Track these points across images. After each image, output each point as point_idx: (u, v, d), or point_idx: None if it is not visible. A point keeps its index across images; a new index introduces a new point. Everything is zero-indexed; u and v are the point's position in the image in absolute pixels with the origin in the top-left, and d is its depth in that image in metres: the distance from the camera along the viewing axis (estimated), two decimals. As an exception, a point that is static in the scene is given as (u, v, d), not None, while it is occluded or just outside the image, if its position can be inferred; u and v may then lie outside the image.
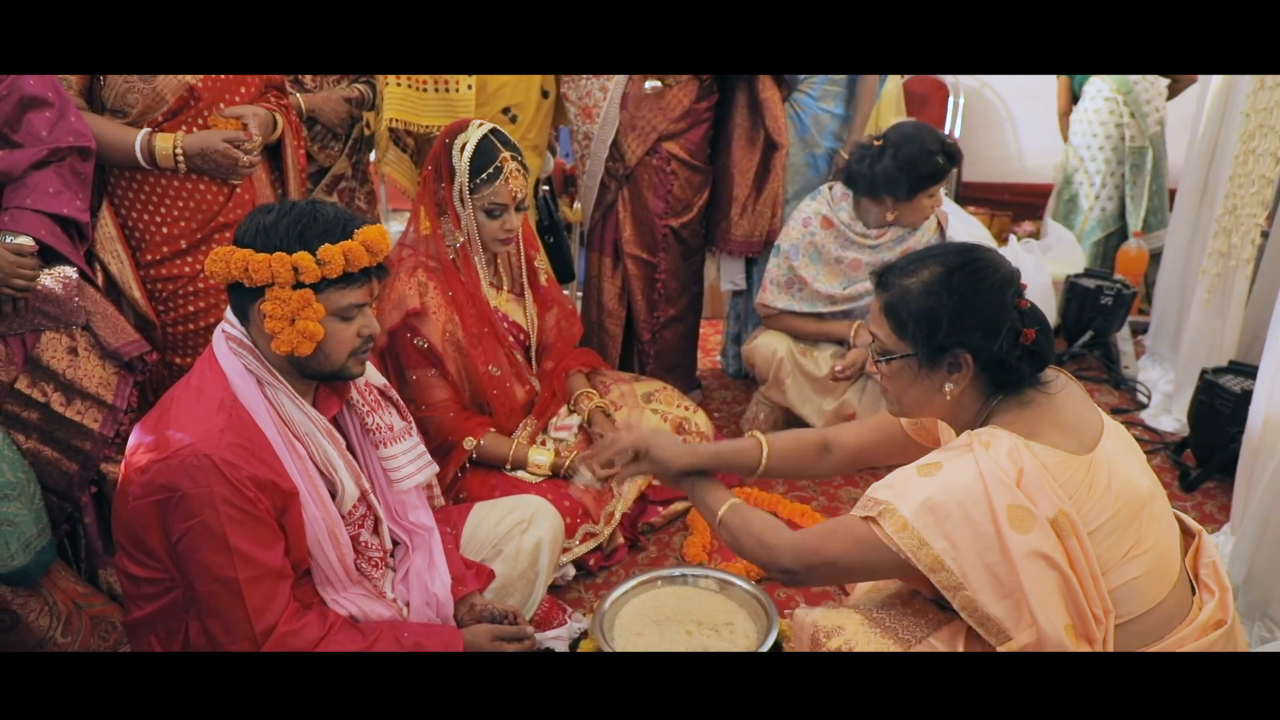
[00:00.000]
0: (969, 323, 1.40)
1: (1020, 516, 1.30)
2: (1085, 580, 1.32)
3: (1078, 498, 1.33)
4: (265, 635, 1.49)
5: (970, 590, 1.33)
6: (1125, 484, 1.36)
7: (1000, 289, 1.41)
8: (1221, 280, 2.92)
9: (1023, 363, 1.41)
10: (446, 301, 2.28)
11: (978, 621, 1.35)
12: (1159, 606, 1.39)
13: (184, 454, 1.45)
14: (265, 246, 1.49)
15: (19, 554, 1.74)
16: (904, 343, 1.46)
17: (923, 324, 1.42)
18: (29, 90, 1.84)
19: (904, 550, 1.35)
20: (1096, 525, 1.33)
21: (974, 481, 1.33)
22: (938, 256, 1.46)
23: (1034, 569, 1.30)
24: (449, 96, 2.71)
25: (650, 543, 2.55)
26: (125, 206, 2.16)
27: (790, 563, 1.50)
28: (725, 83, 3.04)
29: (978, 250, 1.47)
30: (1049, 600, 1.30)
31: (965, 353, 1.41)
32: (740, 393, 3.47)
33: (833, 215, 2.86)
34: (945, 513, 1.33)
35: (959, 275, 1.42)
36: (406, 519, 1.83)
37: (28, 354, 1.85)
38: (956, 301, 1.40)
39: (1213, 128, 3.21)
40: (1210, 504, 2.70)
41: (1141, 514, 1.37)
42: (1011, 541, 1.30)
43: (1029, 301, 1.44)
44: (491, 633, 1.75)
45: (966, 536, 1.32)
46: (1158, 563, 1.38)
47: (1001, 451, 1.34)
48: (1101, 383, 3.57)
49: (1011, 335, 1.39)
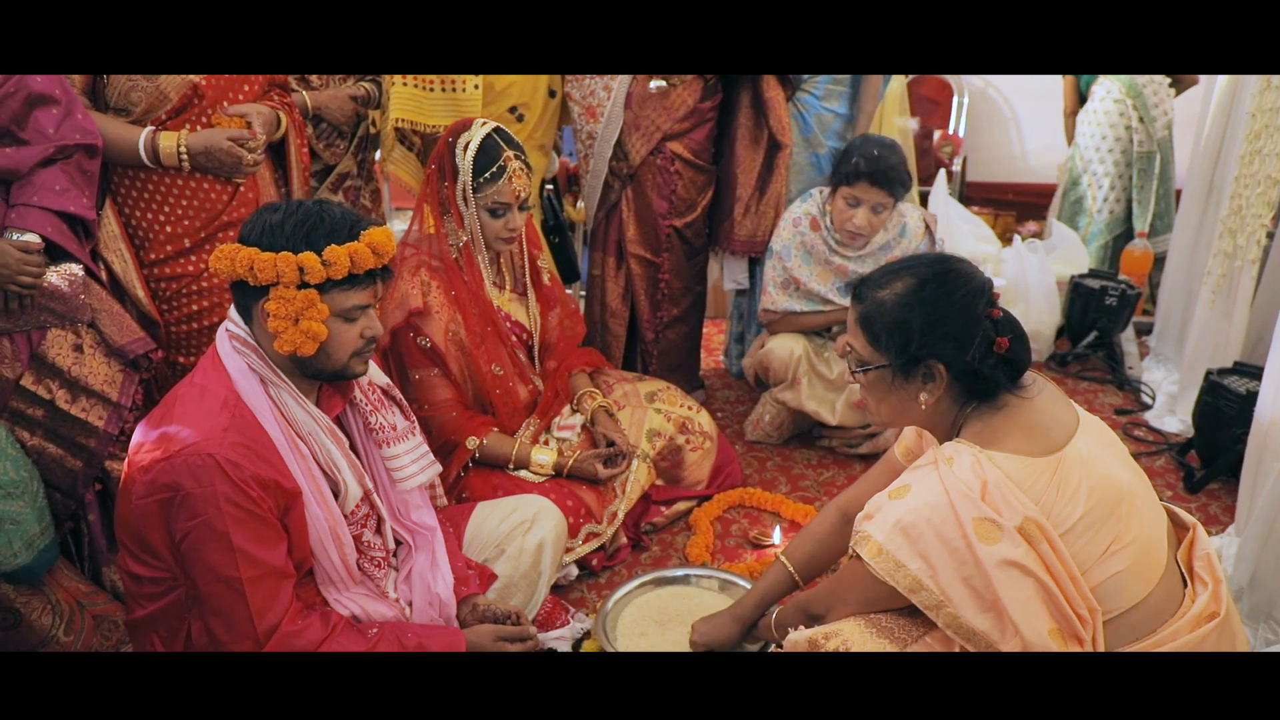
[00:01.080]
0: (941, 334, 1.43)
1: (988, 529, 1.33)
2: (1064, 582, 1.34)
3: (1045, 500, 1.35)
4: (268, 635, 1.49)
5: (952, 607, 1.35)
6: (1100, 480, 1.38)
7: (971, 300, 1.44)
8: (1226, 281, 2.92)
9: (997, 370, 1.43)
10: (449, 301, 2.28)
11: (965, 637, 1.37)
12: (1147, 600, 1.39)
13: (187, 453, 1.45)
14: (271, 245, 1.49)
15: (22, 552, 1.74)
16: (879, 354, 1.48)
17: (895, 336, 1.45)
18: (36, 88, 1.84)
19: (882, 575, 1.38)
20: (1070, 525, 1.35)
21: (940, 498, 1.36)
22: (911, 268, 1.49)
23: (1007, 578, 1.32)
24: (455, 96, 2.71)
25: (653, 542, 2.54)
26: (129, 205, 2.16)
27: (819, 608, 1.59)
28: (729, 82, 3.04)
29: (950, 261, 1.50)
30: (1028, 607, 1.32)
31: (938, 363, 1.43)
32: (743, 392, 3.47)
33: (820, 218, 2.87)
34: (917, 533, 1.36)
35: (930, 287, 1.45)
36: (409, 519, 1.83)
37: (33, 351, 1.85)
38: (927, 313, 1.43)
39: (1218, 128, 3.20)
40: (1215, 505, 2.70)
41: (1119, 508, 1.38)
42: (983, 554, 1.32)
43: (1002, 310, 1.46)
44: (494, 633, 1.75)
45: (940, 554, 1.35)
46: (1142, 556, 1.39)
47: (964, 466, 1.37)
48: (1106, 383, 3.56)
49: (984, 344, 1.42)
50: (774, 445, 3.09)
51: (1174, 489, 2.79)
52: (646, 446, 2.54)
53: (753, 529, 2.58)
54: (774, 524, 2.61)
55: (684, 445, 2.62)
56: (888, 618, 1.48)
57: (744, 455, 3.00)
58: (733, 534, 2.58)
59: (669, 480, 2.64)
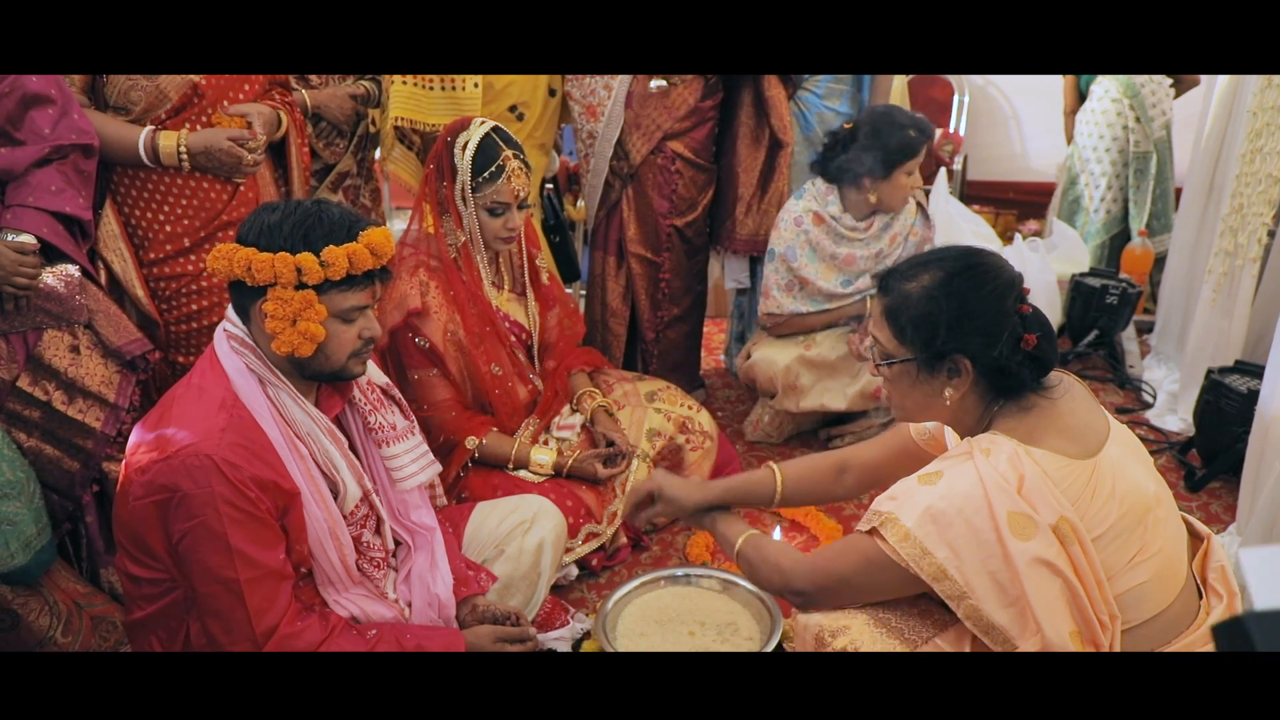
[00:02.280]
0: (968, 328, 1.39)
1: (1022, 523, 1.30)
2: (1090, 586, 1.31)
3: (1080, 503, 1.32)
4: (266, 636, 1.49)
5: (974, 599, 1.32)
6: (1130, 489, 1.36)
7: (1000, 294, 1.40)
8: (1228, 279, 2.91)
9: (1023, 368, 1.40)
10: (448, 301, 2.27)
11: (982, 630, 1.34)
12: (1165, 611, 1.38)
13: (185, 454, 1.45)
14: (269, 246, 1.48)
15: (19, 553, 1.74)
16: (904, 347, 1.45)
17: (921, 329, 1.42)
18: (32, 88, 1.83)
19: (907, 560, 1.35)
20: (1101, 531, 1.32)
21: (975, 489, 1.33)
22: (939, 261, 1.45)
23: (1037, 576, 1.29)
24: (455, 95, 2.70)
25: (653, 542, 2.54)
26: (128, 204, 2.15)
27: (803, 584, 1.52)
28: (730, 81, 3.03)
29: (980, 255, 1.46)
30: (1053, 607, 1.30)
31: (964, 358, 1.40)
32: (744, 392, 3.46)
33: (822, 211, 2.85)
34: (947, 521, 1.33)
35: (959, 280, 1.41)
36: (409, 519, 1.82)
37: (29, 352, 1.84)
38: (955, 307, 1.39)
39: (1219, 126, 3.20)
40: (1216, 504, 2.69)
41: (1146, 519, 1.36)
42: (1014, 549, 1.29)
43: (1031, 306, 1.42)
44: (494, 634, 1.75)
45: (969, 545, 1.32)
46: (1164, 568, 1.37)
47: (1002, 458, 1.34)
48: (1107, 382, 3.55)
49: (1012, 341, 1.38)
50: (774, 445, 3.08)
51: (1175, 488, 2.78)
52: (646, 446, 2.53)
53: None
54: (774, 523, 2.60)
55: (684, 445, 2.61)
56: (897, 618, 1.46)
57: (744, 455, 3.00)
58: (733, 534, 2.57)
59: (669, 480, 2.64)
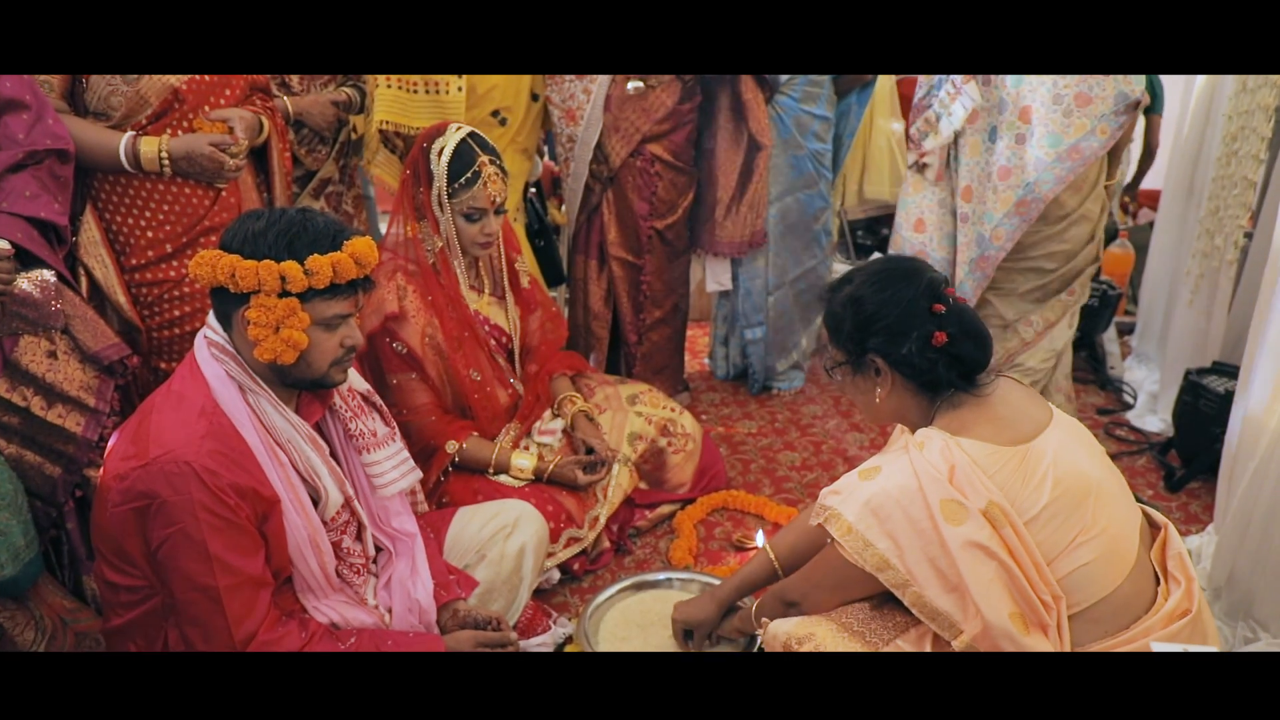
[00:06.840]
0: (874, 328, 1.50)
1: (953, 510, 1.38)
2: (1027, 567, 1.38)
3: (1010, 488, 1.40)
4: (245, 643, 1.49)
5: (917, 586, 1.40)
6: (1067, 473, 1.41)
7: (908, 296, 1.49)
8: (1205, 281, 2.94)
9: (939, 365, 1.48)
10: (426, 305, 2.27)
11: (929, 617, 1.42)
12: (1115, 593, 1.42)
13: (163, 461, 1.44)
14: (253, 253, 1.48)
15: (7, 565, 1.73)
16: (838, 351, 1.58)
17: (838, 333, 1.56)
18: (5, 92, 1.82)
19: (850, 553, 1.43)
20: (1034, 513, 1.39)
21: (910, 480, 1.41)
22: (860, 269, 1.58)
23: (971, 559, 1.37)
24: (439, 98, 2.70)
25: (637, 546, 2.55)
26: (109, 210, 2.14)
27: (794, 595, 1.64)
28: (708, 85, 3.05)
29: (894, 260, 1.58)
30: (990, 589, 1.37)
31: (877, 357, 1.51)
32: (727, 394, 3.48)
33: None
34: (886, 513, 1.42)
35: (867, 285, 1.53)
36: (389, 525, 1.82)
37: (6, 358, 1.83)
38: (859, 309, 1.52)
39: (1197, 129, 3.23)
40: (1195, 504, 2.71)
41: (1086, 500, 1.41)
42: (948, 534, 1.37)
43: (950, 306, 1.49)
44: (475, 639, 1.75)
45: (908, 534, 1.40)
46: (1110, 549, 1.42)
47: (934, 450, 1.42)
48: (1088, 383, 3.58)
49: (921, 339, 1.47)
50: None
51: (1155, 488, 2.81)
52: (628, 450, 2.54)
53: (736, 532, 2.58)
54: (757, 527, 2.61)
55: (666, 448, 2.62)
56: (859, 621, 1.52)
57: (728, 457, 3.01)
58: (716, 537, 2.58)
59: (652, 483, 2.64)
